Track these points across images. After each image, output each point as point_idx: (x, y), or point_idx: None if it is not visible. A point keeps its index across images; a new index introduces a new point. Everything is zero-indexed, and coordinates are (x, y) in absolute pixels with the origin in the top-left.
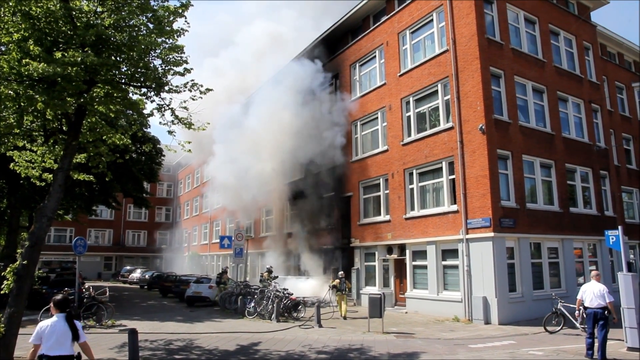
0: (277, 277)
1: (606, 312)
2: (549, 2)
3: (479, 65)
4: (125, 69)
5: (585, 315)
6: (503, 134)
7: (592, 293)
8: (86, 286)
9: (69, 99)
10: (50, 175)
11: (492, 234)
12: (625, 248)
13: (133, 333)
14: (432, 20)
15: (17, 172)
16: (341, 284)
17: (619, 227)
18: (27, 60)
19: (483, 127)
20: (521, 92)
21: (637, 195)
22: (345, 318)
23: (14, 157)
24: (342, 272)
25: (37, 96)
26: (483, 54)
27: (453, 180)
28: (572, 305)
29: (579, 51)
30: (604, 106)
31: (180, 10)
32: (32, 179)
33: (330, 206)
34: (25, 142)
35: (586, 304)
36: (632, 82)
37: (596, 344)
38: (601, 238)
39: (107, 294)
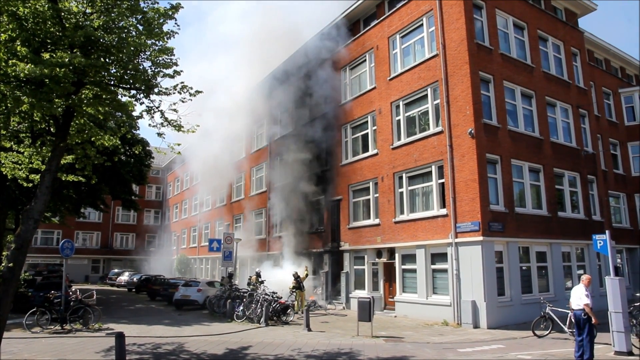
0: (264, 281)
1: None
2: (538, 8)
3: (469, 70)
4: (114, 70)
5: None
6: (492, 138)
7: (575, 296)
8: (73, 289)
9: (56, 100)
10: (37, 177)
11: (481, 238)
12: (613, 252)
13: (120, 337)
14: (422, 24)
15: (3, 173)
16: (299, 283)
17: (607, 231)
18: (14, 61)
19: (472, 132)
20: (510, 96)
21: (624, 200)
22: (301, 312)
23: (0, 159)
24: (295, 271)
25: (24, 97)
26: (472, 59)
27: (442, 184)
28: (560, 310)
29: (567, 57)
30: (591, 111)
31: (170, 13)
32: (18, 180)
33: (319, 209)
34: (12, 143)
35: (572, 307)
36: (618, 87)
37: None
38: (589, 242)
39: (95, 297)
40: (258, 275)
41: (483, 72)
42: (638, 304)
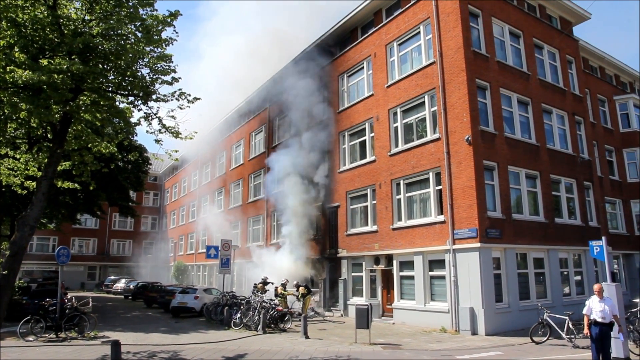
0: (268, 290)
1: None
2: (533, 16)
3: (465, 77)
4: (112, 77)
5: None
6: (489, 145)
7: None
8: (68, 296)
9: (54, 106)
10: (33, 183)
11: (478, 245)
12: (609, 258)
13: (116, 344)
14: (419, 32)
15: None
16: (306, 289)
17: (603, 237)
18: (12, 67)
19: (469, 138)
20: (506, 104)
21: (620, 206)
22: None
23: None
24: (296, 281)
25: (22, 104)
26: (469, 66)
27: (440, 190)
28: (558, 316)
29: (562, 64)
30: (587, 118)
31: (169, 20)
32: (13, 187)
33: (317, 216)
34: (8, 149)
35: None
36: (613, 95)
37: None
38: (586, 248)
39: (90, 304)
40: (264, 282)
41: (480, 80)
42: (635, 310)
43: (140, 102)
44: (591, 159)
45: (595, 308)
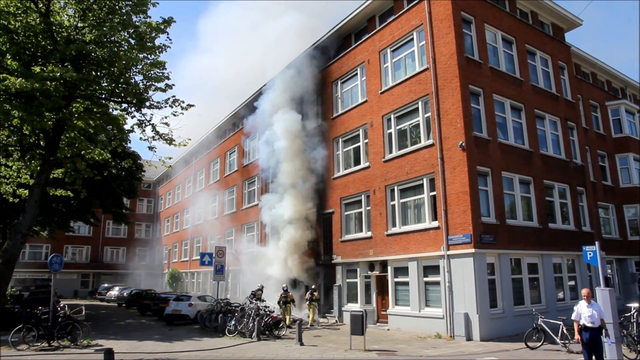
0: (265, 300)
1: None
2: (525, 23)
3: (459, 84)
4: (105, 84)
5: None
6: (483, 150)
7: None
8: (61, 305)
9: (47, 114)
10: (25, 191)
11: (472, 250)
12: (603, 263)
13: (109, 353)
14: (412, 39)
15: None
16: (312, 296)
17: (596, 242)
18: (5, 75)
19: (463, 144)
20: (500, 109)
21: (613, 211)
22: (311, 325)
23: None
24: (313, 286)
25: (14, 111)
26: (462, 73)
27: (434, 196)
28: (552, 321)
29: (555, 70)
30: (579, 124)
31: (162, 27)
32: (4, 195)
33: (312, 223)
34: (0, 157)
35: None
36: (605, 100)
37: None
38: (579, 253)
39: (83, 312)
40: (261, 290)
41: (473, 86)
42: (628, 314)
43: (133, 109)
44: (584, 164)
45: (584, 313)
